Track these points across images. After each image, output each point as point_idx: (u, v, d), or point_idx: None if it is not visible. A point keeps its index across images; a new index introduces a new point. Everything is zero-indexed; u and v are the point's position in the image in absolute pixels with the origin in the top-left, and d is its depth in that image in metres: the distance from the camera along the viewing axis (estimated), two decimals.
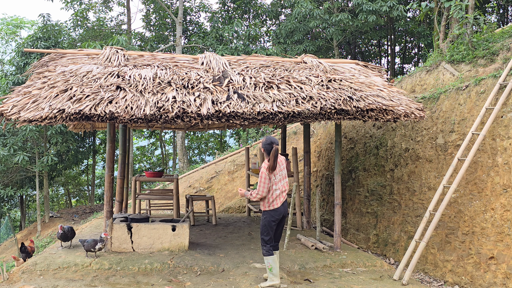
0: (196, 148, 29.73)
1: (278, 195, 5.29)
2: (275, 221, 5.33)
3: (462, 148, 6.17)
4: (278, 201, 5.30)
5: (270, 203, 5.30)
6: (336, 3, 18.79)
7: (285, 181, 5.36)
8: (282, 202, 5.32)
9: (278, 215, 5.32)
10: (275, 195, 5.29)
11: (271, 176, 5.26)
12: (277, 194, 5.29)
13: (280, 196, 5.30)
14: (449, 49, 8.64)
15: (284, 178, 5.35)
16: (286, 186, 5.36)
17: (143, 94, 5.96)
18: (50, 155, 15.53)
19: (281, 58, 7.90)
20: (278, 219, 5.34)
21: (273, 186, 5.27)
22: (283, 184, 5.32)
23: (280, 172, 5.32)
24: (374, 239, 7.80)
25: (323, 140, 10.62)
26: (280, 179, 5.31)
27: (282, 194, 5.30)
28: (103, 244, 6.09)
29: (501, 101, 5.97)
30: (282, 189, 5.31)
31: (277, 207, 5.29)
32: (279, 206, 5.30)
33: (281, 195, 5.30)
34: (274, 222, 5.33)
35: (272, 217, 5.31)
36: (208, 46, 19.87)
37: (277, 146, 5.22)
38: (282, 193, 5.30)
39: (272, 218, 5.31)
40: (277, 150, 5.19)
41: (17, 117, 5.45)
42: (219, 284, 5.54)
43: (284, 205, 5.34)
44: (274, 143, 5.25)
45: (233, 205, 11.63)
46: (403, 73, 22.80)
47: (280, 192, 5.29)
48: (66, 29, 21.54)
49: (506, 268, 5.45)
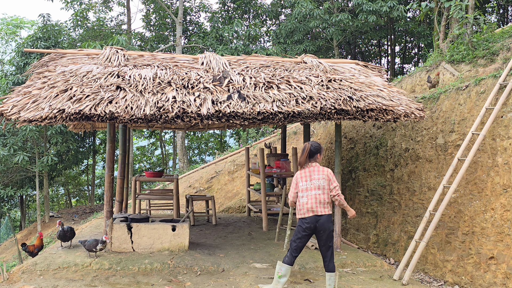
0: (196, 148, 29.73)
1: (305, 203, 4.87)
2: (303, 231, 4.89)
3: (462, 148, 6.17)
4: (304, 208, 4.87)
5: (298, 210, 4.94)
6: (336, 3, 18.79)
7: (316, 192, 4.83)
8: (311, 214, 4.84)
9: (306, 225, 4.86)
10: (302, 202, 4.89)
11: (298, 181, 4.94)
12: (304, 202, 4.87)
13: (308, 205, 4.84)
14: (449, 49, 8.64)
15: (317, 190, 4.84)
16: (319, 198, 4.83)
17: (143, 94, 5.96)
18: (50, 155, 15.53)
19: (281, 58, 7.90)
20: (307, 231, 4.88)
21: (298, 192, 4.92)
22: (314, 194, 4.83)
23: (312, 181, 4.87)
24: (374, 239, 7.80)
25: (323, 140, 10.62)
26: (311, 188, 4.85)
27: (310, 205, 4.84)
28: (104, 244, 6.10)
29: (501, 101, 5.97)
30: (311, 200, 4.83)
31: (305, 216, 4.86)
32: (306, 216, 4.85)
33: (308, 204, 4.85)
34: (302, 232, 4.89)
35: (300, 225, 4.91)
36: (208, 46, 19.88)
37: (311, 144, 4.90)
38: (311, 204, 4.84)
39: (300, 225, 4.91)
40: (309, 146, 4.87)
41: (17, 117, 5.45)
42: (219, 284, 5.54)
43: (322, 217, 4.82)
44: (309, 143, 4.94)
45: (233, 205, 11.64)
46: (403, 73, 22.80)
47: (308, 200, 4.85)
48: (66, 29, 21.54)
49: (506, 268, 5.45)
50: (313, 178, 4.89)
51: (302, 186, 4.92)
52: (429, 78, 7.86)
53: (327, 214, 4.85)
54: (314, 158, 4.97)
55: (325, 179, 4.85)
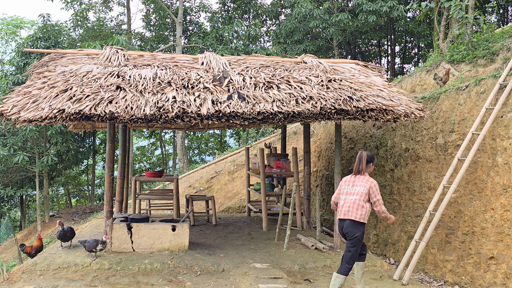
0: (196, 148, 29.73)
1: (341, 205, 5.10)
2: (340, 232, 5.15)
3: (462, 148, 6.17)
4: (340, 211, 5.09)
5: (338, 210, 5.21)
6: (336, 3, 18.79)
7: (353, 198, 5.01)
8: (344, 218, 5.02)
9: (339, 226, 5.13)
10: (340, 204, 5.14)
11: (341, 183, 5.21)
12: (341, 204, 5.11)
13: (344, 209, 5.04)
14: (449, 49, 8.64)
15: (354, 195, 5.01)
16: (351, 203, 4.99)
17: (143, 94, 5.96)
18: (50, 155, 15.53)
19: (281, 58, 7.90)
20: (339, 232, 5.16)
21: (340, 194, 5.18)
22: (351, 199, 5.01)
23: (353, 187, 5.06)
24: (374, 239, 7.80)
25: (323, 140, 10.62)
26: (351, 193, 5.05)
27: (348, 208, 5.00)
28: (104, 245, 6.10)
29: (501, 101, 5.97)
30: (348, 204, 5.02)
31: (339, 217, 5.11)
32: (340, 217, 5.09)
33: (343, 207, 5.05)
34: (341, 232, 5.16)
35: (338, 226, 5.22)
36: (208, 46, 19.87)
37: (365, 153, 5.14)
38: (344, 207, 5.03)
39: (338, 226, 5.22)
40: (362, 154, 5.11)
41: (17, 117, 5.45)
42: (219, 284, 5.54)
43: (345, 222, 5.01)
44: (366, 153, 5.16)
45: (233, 205, 11.63)
46: (403, 73, 22.80)
47: (343, 203, 5.06)
48: (66, 29, 21.53)
49: (506, 268, 5.45)
50: (355, 184, 5.09)
51: (343, 190, 5.18)
52: (436, 76, 7.69)
53: (351, 220, 4.97)
54: (367, 166, 5.18)
55: (366, 188, 5.00)
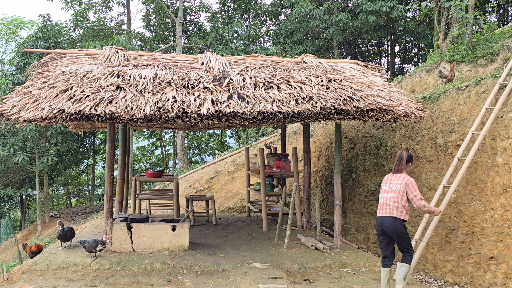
0: (196, 148, 29.72)
1: (381, 204, 5.25)
2: (376, 230, 5.31)
3: (462, 148, 6.17)
4: (380, 209, 5.24)
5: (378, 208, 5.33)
6: (336, 3, 18.79)
7: (391, 195, 5.15)
8: (383, 216, 5.16)
9: (376, 225, 5.28)
10: (379, 202, 5.29)
11: (382, 182, 5.36)
12: (379, 203, 5.27)
13: (382, 206, 5.20)
14: (449, 49, 8.63)
15: (392, 193, 5.15)
16: (390, 201, 5.14)
17: (143, 94, 5.96)
18: (50, 155, 15.53)
19: (281, 58, 7.90)
20: (377, 230, 5.27)
21: (380, 193, 5.34)
22: (389, 197, 5.16)
23: (391, 184, 5.21)
24: (374, 239, 7.80)
25: (323, 140, 10.62)
26: (389, 191, 5.20)
27: (386, 206, 5.16)
28: (103, 245, 6.10)
29: (501, 101, 5.97)
30: (386, 202, 5.17)
31: (378, 215, 5.26)
32: (379, 215, 5.23)
33: (383, 206, 5.19)
34: (376, 230, 5.32)
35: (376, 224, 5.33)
36: (208, 46, 19.87)
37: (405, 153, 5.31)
38: (386, 205, 5.16)
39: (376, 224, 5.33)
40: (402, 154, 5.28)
41: (17, 117, 5.45)
42: (219, 284, 5.54)
43: (385, 219, 5.13)
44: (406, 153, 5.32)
45: (233, 205, 11.63)
46: (403, 73, 22.80)
47: (384, 202, 5.20)
48: (66, 29, 21.54)
49: (506, 268, 5.45)
50: (392, 182, 5.24)
51: (383, 188, 5.33)
52: (441, 73, 7.56)
53: (392, 217, 5.09)
54: (406, 165, 5.33)
55: (402, 185, 5.13)
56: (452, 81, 7.45)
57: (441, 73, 7.61)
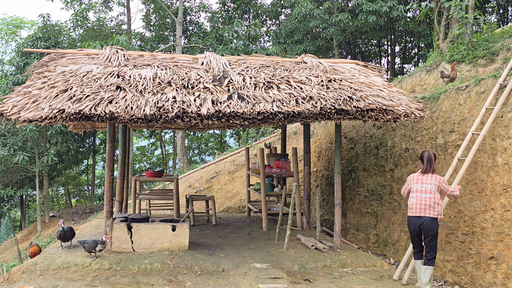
0: (196, 148, 29.72)
1: (413, 204, 5.43)
2: (410, 228, 5.48)
3: (462, 148, 6.17)
4: (412, 209, 5.44)
5: (408, 208, 5.52)
6: (336, 3, 18.79)
7: (427, 196, 5.37)
8: (421, 215, 5.37)
9: (411, 223, 5.46)
10: (410, 202, 5.47)
11: (410, 182, 5.53)
12: (413, 202, 5.44)
13: (418, 206, 5.39)
14: (449, 49, 8.63)
15: (427, 193, 5.38)
16: (427, 202, 5.36)
17: (143, 94, 5.96)
18: (50, 155, 15.53)
19: (281, 58, 7.90)
20: (412, 229, 5.45)
21: (410, 192, 5.52)
22: (425, 197, 5.37)
23: (424, 184, 5.41)
24: (374, 239, 7.80)
25: (323, 140, 10.62)
26: (423, 191, 5.40)
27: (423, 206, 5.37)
28: (103, 245, 6.10)
29: (501, 101, 5.97)
30: (423, 202, 5.38)
31: (410, 215, 5.45)
32: (411, 215, 5.44)
33: (419, 206, 5.39)
34: (410, 228, 5.49)
35: (408, 223, 5.50)
36: (208, 46, 19.87)
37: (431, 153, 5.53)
38: (420, 204, 5.38)
39: (408, 223, 5.51)
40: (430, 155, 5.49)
41: (17, 117, 5.45)
42: (219, 284, 5.54)
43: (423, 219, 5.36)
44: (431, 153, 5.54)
45: (233, 205, 11.63)
46: (403, 73, 22.80)
47: (417, 201, 5.40)
48: (66, 29, 21.54)
49: (506, 268, 5.45)
50: (425, 182, 5.44)
51: (413, 187, 5.49)
52: (443, 74, 7.56)
53: (430, 217, 5.36)
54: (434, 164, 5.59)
55: (436, 185, 5.39)
56: (454, 80, 7.43)
57: (442, 74, 7.59)
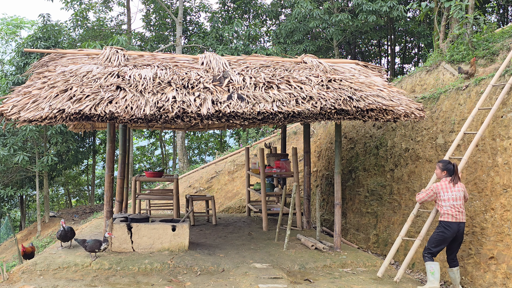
0: (196, 148, 29.72)
1: (451, 209, 5.58)
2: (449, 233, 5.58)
3: (453, 147, 6.28)
4: (453, 215, 5.58)
5: (441, 214, 5.67)
6: (336, 3, 18.79)
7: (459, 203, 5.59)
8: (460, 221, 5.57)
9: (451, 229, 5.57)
10: (445, 209, 5.61)
11: (439, 191, 5.68)
12: (450, 209, 5.58)
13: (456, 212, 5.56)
14: (449, 49, 8.63)
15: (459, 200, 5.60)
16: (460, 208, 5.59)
17: (143, 94, 5.96)
18: (50, 155, 15.53)
19: (281, 58, 7.90)
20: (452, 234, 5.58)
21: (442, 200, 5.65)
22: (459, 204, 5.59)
23: (455, 192, 5.62)
24: (374, 239, 7.80)
25: (323, 140, 10.62)
26: (455, 198, 5.59)
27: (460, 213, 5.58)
28: (107, 244, 6.10)
29: (498, 100, 5.96)
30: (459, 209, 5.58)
31: (454, 221, 5.58)
32: (455, 221, 5.58)
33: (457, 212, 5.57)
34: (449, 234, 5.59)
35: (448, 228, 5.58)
36: (208, 46, 19.87)
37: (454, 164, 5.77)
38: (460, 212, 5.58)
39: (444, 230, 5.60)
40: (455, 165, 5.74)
41: (17, 117, 5.45)
42: (219, 284, 5.54)
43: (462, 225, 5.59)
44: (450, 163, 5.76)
45: (233, 205, 11.63)
46: (403, 73, 22.80)
47: (455, 209, 5.57)
48: (66, 29, 21.54)
49: (506, 268, 5.45)
50: (454, 190, 5.65)
51: (443, 196, 5.65)
52: (461, 69, 7.41)
53: (464, 222, 5.64)
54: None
55: (462, 191, 5.66)
56: (473, 76, 7.24)
57: (460, 69, 7.41)
